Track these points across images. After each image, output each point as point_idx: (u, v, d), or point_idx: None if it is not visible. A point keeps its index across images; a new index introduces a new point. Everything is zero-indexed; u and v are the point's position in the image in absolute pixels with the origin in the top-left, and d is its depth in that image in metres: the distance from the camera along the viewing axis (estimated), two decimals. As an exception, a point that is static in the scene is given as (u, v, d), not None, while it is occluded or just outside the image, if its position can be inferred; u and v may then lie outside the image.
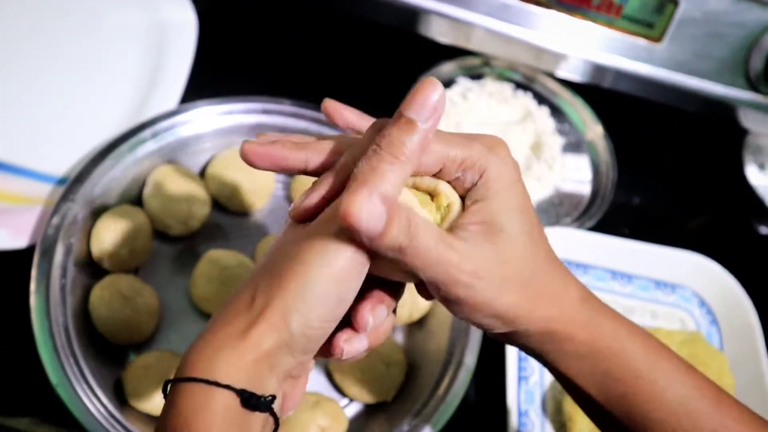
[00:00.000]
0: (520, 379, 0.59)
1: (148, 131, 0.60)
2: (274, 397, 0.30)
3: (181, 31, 0.70)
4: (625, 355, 0.33)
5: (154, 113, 0.62)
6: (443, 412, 0.52)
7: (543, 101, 0.80)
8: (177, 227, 0.59)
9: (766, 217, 0.77)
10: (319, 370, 0.58)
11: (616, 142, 0.77)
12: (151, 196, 0.59)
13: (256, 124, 0.63)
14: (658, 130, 0.83)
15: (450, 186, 0.33)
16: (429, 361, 0.56)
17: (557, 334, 0.33)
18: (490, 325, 0.33)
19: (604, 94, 0.75)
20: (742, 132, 0.78)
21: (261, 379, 0.29)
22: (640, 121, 0.82)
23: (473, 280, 0.30)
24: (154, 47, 0.70)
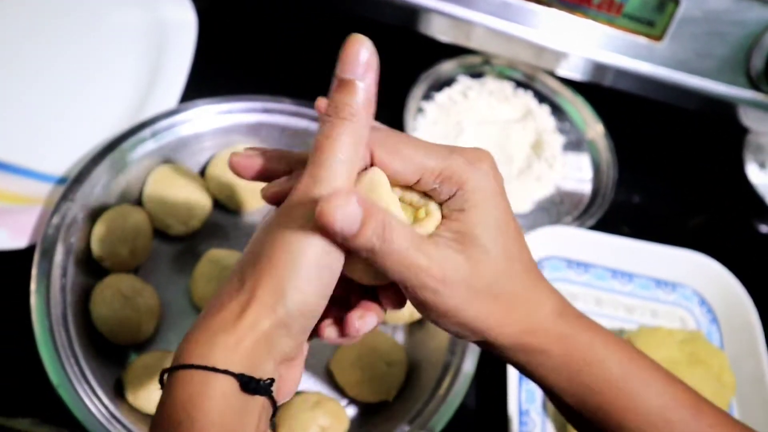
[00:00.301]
0: (521, 378, 0.59)
1: (148, 130, 0.60)
2: (272, 380, 0.30)
3: (181, 30, 0.70)
4: (600, 366, 0.33)
5: (154, 112, 0.61)
6: (445, 412, 0.52)
7: (543, 100, 0.79)
8: (177, 227, 0.59)
9: (767, 215, 0.77)
10: (320, 370, 0.58)
11: (617, 140, 0.77)
12: (151, 196, 0.59)
13: (256, 123, 0.63)
14: (658, 129, 0.83)
15: (435, 204, 0.33)
16: (430, 361, 0.56)
17: (531, 347, 0.33)
18: (459, 333, 0.33)
19: (604, 93, 0.75)
20: (743, 131, 0.78)
21: (258, 363, 0.29)
22: (641, 119, 0.82)
23: (440, 287, 0.31)
24: (153, 46, 0.70)
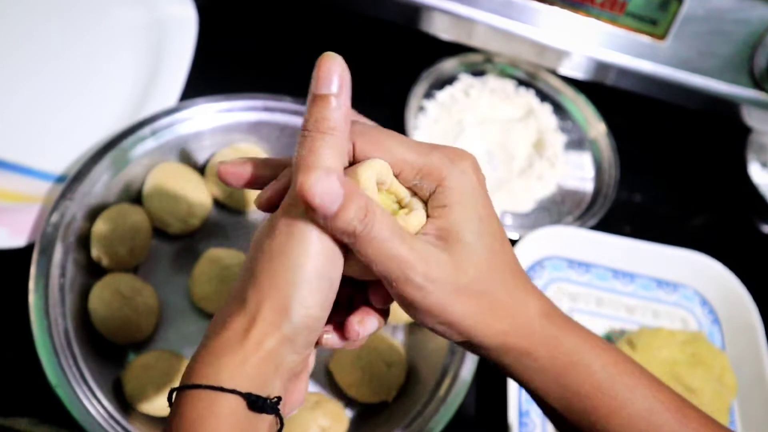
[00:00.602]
0: (521, 379, 0.58)
1: (148, 129, 0.59)
2: (280, 398, 0.30)
3: (181, 28, 0.70)
4: (585, 369, 0.33)
5: (154, 110, 0.61)
6: (444, 413, 0.52)
7: (545, 98, 0.79)
8: (177, 226, 0.59)
9: (769, 215, 0.77)
10: (320, 370, 0.57)
11: (619, 139, 0.77)
12: (150, 195, 0.59)
13: (256, 122, 0.63)
14: (661, 128, 0.83)
15: (421, 203, 0.33)
16: (430, 361, 0.56)
17: (515, 349, 0.33)
18: (444, 333, 0.33)
19: (607, 92, 0.74)
20: (746, 130, 0.78)
21: (266, 381, 0.29)
22: (643, 119, 0.82)
23: (425, 282, 0.30)
24: (153, 44, 0.69)
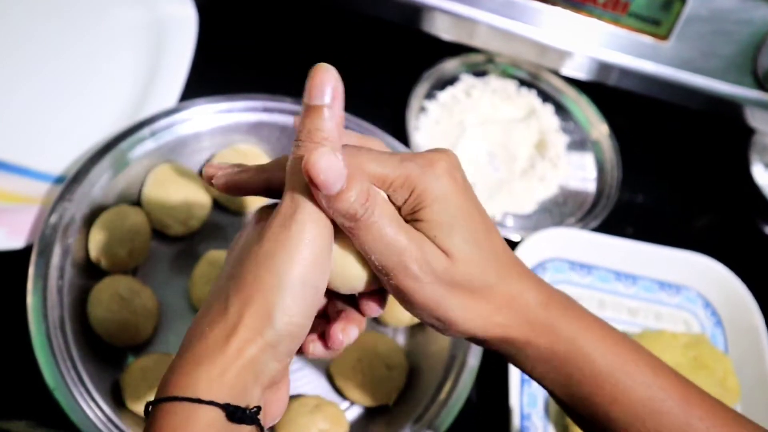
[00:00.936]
0: (522, 382, 0.58)
1: (147, 130, 0.59)
2: (259, 408, 0.29)
3: (181, 28, 0.70)
4: (586, 357, 0.33)
5: (153, 111, 0.61)
6: (445, 417, 0.51)
7: (547, 99, 0.79)
8: (176, 227, 0.59)
9: (772, 217, 0.77)
10: (320, 373, 0.57)
11: (621, 140, 0.76)
12: (149, 196, 0.58)
13: (256, 123, 0.63)
14: (663, 129, 0.83)
15: None
16: (431, 364, 0.55)
17: (515, 341, 0.33)
18: (441, 328, 0.33)
19: (609, 92, 0.74)
20: (749, 131, 0.77)
21: (245, 391, 0.29)
22: (646, 119, 0.81)
23: (420, 272, 0.30)
24: (153, 44, 0.69)
